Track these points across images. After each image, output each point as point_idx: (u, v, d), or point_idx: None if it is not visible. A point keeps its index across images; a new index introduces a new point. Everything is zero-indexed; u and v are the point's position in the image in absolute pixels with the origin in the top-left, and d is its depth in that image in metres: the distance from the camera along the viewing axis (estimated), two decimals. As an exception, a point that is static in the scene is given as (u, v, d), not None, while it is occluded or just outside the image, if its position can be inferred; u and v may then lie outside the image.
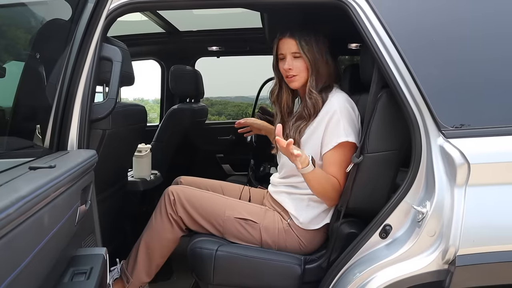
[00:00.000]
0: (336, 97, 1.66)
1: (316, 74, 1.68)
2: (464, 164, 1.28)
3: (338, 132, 1.59)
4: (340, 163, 1.60)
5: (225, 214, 1.71)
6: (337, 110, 1.61)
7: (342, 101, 1.64)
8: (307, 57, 1.67)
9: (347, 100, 1.66)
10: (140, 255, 1.73)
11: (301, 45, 1.67)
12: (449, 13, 1.45)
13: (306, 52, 1.67)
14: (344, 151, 1.60)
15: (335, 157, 1.61)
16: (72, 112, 1.37)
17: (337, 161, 1.60)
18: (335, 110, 1.61)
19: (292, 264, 1.62)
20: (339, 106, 1.62)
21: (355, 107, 1.66)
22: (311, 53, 1.67)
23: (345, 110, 1.61)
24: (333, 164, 1.61)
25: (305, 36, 1.68)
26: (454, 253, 1.29)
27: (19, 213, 0.69)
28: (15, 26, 1.52)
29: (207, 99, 5.58)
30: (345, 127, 1.59)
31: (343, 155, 1.60)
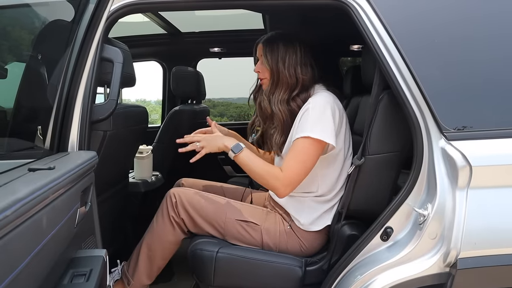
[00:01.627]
0: (315, 96, 1.67)
1: (276, 83, 1.70)
2: (466, 166, 1.27)
3: (305, 127, 1.57)
4: (294, 152, 1.58)
5: (227, 216, 1.71)
6: (310, 106, 1.60)
7: (319, 99, 1.63)
8: (267, 63, 1.71)
9: (326, 98, 1.64)
10: (142, 257, 1.73)
11: (265, 51, 1.72)
12: (451, 14, 1.45)
13: (269, 59, 1.71)
14: (303, 145, 1.57)
15: (293, 147, 1.59)
16: (73, 113, 1.36)
17: (291, 150, 1.59)
18: (308, 107, 1.61)
19: (293, 266, 1.62)
20: (313, 103, 1.61)
21: (335, 107, 1.63)
22: (273, 61, 1.70)
23: (318, 107, 1.59)
24: (289, 152, 1.60)
25: (272, 44, 1.71)
26: (455, 256, 1.28)
27: (16, 215, 0.68)
28: (19, 27, 1.52)
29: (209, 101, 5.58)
30: (312, 123, 1.57)
31: (300, 148, 1.57)
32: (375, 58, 1.42)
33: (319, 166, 1.64)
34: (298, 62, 1.70)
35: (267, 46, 1.72)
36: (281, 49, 1.69)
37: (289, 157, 1.59)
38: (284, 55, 1.69)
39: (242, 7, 1.82)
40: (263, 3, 1.71)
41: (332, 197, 1.69)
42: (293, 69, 1.69)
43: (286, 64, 1.69)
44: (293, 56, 1.70)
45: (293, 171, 1.56)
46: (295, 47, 1.71)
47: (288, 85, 1.69)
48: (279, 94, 1.69)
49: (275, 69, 1.70)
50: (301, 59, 1.70)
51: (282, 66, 1.69)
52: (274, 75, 1.70)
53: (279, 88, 1.70)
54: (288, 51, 1.70)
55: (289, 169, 1.57)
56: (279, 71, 1.69)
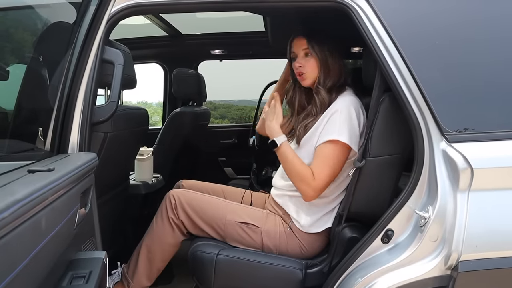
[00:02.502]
0: (343, 98, 1.67)
1: (326, 72, 1.71)
2: (467, 168, 1.27)
3: (333, 130, 1.59)
4: (324, 157, 1.60)
5: (226, 218, 1.70)
6: (338, 109, 1.62)
7: (346, 102, 1.64)
8: (317, 54, 1.70)
9: (353, 103, 1.65)
10: (141, 259, 1.73)
11: (311, 43, 1.71)
12: (452, 16, 1.45)
13: (316, 49, 1.70)
14: (332, 149, 1.59)
15: (322, 151, 1.61)
16: (73, 115, 1.36)
17: (321, 155, 1.61)
18: (337, 109, 1.62)
19: (293, 268, 1.61)
20: (341, 106, 1.62)
21: (360, 112, 1.65)
22: (321, 51, 1.70)
23: (346, 111, 1.61)
24: (317, 157, 1.62)
25: (316, 35, 1.72)
26: (456, 258, 1.27)
27: (14, 216, 0.68)
28: (21, 29, 1.52)
29: (211, 103, 5.59)
30: (340, 126, 1.58)
31: (330, 152, 1.59)
32: (376, 60, 1.42)
33: None
34: (340, 56, 1.75)
35: (313, 39, 1.72)
36: (327, 42, 1.72)
37: (319, 162, 1.60)
38: (330, 47, 1.72)
39: (243, 9, 1.82)
40: (264, 5, 1.71)
41: (333, 199, 1.69)
42: (339, 60, 1.73)
43: (333, 56, 1.72)
44: (337, 49, 1.74)
45: (324, 177, 1.58)
46: (337, 40, 1.75)
47: (336, 75, 1.72)
48: (329, 83, 1.70)
49: (324, 60, 1.70)
50: (340, 54, 1.75)
51: (331, 57, 1.71)
52: (323, 65, 1.71)
53: (329, 77, 1.71)
54: (333, 44, 1.73)
55: (320, 175, 1.58)
56: (327, 61, 1.71)
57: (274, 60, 3.21)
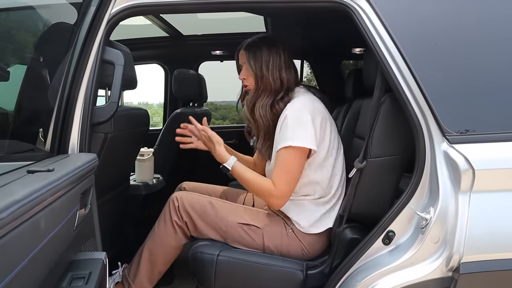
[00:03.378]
0: (291, 104, 1.65)
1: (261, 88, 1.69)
2: (468, 170, 1.26)
3: (285, 136, 1.58)
4: (280, 164, 1.60)
5: (228, 219, 1.70)
6: (288, 114, 1.60)
7: (296, 106, 1.63)
8: (251, 69, 1.70)
9: (305, 104, 1.63)
10: (143, 261, 1.72)
11: (248, 57, 1.71)
12: (454, 17, 1.44)
13: (252, 64, 1.69)
14: (287, 155, 1.58)
15: (278, 158, 1.61)
16: (73, 116, 1.36)
17: (278, 163, 1.61)
18: (286, 114, 1.61)
19: (294, 269, 1.60)
20: (290, 111, 1.61)
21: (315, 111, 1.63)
22: (257, 67, 1.69)
23: (296, 114, 1.59)
24: (276, 165, 1.62)
25: (255, 49, 1.70)
26: (458, 260, 1.27)
27: (13, 217, 0.68)
28: (22, 30, 1.52)
29: (211, 103, 5.59)
30: (292, 131, 1.57)
31: (286, 159, 1.59)
32: (377, 61, 1.41)
33: (310, 171, 1.65)
34: (282, 65, 1.69)
35: (249, 52, 1.71)
36: (264, 53, 1.68)
37: (276, 170, 1.61)
38: (267, 58, 1.68)
39: (244, 10, 1.82)
40: (265, 6, 1.71)
41: (329, 198, 1.69)
42: (277, 72, 1.68)
43: (270, 68, 1.67)
44: (277, 59, 1.69)
45: (283, 183, 1.59)
46: (279, 50, 1.70)
47: (272, 89, 1.68)
48: (262, 100, 1.68)
49: (259, 75, 1.68)
50: (285, 61, 1.70)
51: (266, 71, 1.67)
52: (259, 81, 1.69)
53: (263, 93, 1.68)
54: (271, 54, 1.69)
55: (278, 182, 1.59)
56: (263, 76, 1.68)
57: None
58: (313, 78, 4.02)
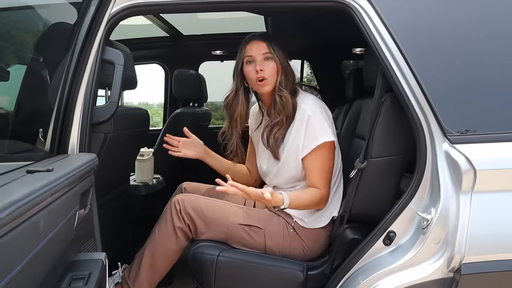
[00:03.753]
0: (305, 101, 1.70)
1: (286, 76, 1.71)
2: (470, 170, 1.26)
3: (316, 134, 1.62)
4: (321, 167, 1.65)
5: (229, 220, 1.69)
6: (311, 113, 1.65)
7: (312, 103, 1.69)
8: (278, 58, 1.69)
9: (316, 101, 1.72)
10: (144, 265, 1.71)
11: (272, 47, 1.70)
12: (455, 16, 1.44)
13: (277, 53, 1.70)
14: (323, 153, 1.64)
15: (315, 161, 1.64)
16: (73, 116, 1.36)
17: (317, 166, 1.65)
18: (309, 114, 1.65)
19: (295, 270, 1.60)
20: (311, 109, 1.66)
21: (325, 107, 1.73)
22: (280, 55, 1.71)
23: (318, 111, 1.66)
24: (314, 170, 1.65)
25: (276, 41, 1.73)
26: (459, 261, 1.26)
27: (11, 217, 0.67)
28: (22, 30, 1.52)
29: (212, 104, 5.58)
30: (321, 127, 1.63)
31: (323, 157, 1.65)
32: (378, 61, 1.41)
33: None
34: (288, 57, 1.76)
35: (272, 42, 1.71)
36: (280, 45, 1.73)
37: (317, 173, 1.64)
38: (285, 52, 1.73)
39: (244, 10, 1.81)
40: (265, 5, 1.71)
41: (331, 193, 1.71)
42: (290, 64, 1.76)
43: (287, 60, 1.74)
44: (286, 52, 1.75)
45: (327, 182, 1.66)
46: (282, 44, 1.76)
47: (293, 79, 1.74)
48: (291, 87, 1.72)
49: (284, 63, 1.71)
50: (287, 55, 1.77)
51: (286, 61, 1.73)
52: (285, 69, 1.71)
53: (289, 81, 1.72)
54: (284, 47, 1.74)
55: (323, 182, 1.64)
56: (288, 65, 1.73)
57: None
58: (313, 78, 4.02)
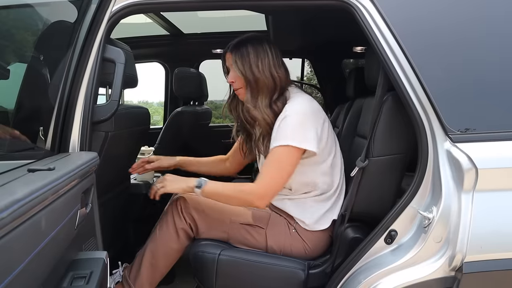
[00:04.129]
0: (291, 103, 1.62)
1: (255, 89, 1.64)
2: (471, 169, 1.26)
3: (285, 135, 1.55)
4: (274, 163, 1.57)
5: (231, 220, 1.69)
6: (288, 114, 1.57)
7: (296, 106, 1.60)
8: (239, 71, 1.64)
9: (303, 105, 1.61)
10: (144, 264, 1.71)
11: (235, 59, 1.64)
12: (457, 14, 1.43)
13: (240, 66, 1.63)
14: (285, 154, 1.55)
15: (271, 157, 1.58)
16: (74, 114, 1.36)
17: (271, 161, 1.58)
18: (286, 114, 1.57)
19: (296, 269, 1.60)
20: (290, 111, 1.58)
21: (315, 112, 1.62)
22: (245, 68, 1.63)
23: (296, 114, 1.57)
24: (267, 163, 1.59)
25: (242, 50, 1.64)
26: (461, 259, 1.26)
27: (14, 216, 0.67)
28: (22, 28, 1.51)
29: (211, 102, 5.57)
30: (292, 131, 1.55)
31: (281, 157, 1.56)
32: (379, 59, 1.40)
33: (310, 170, 1.64)
34: (271, 63, 1.64)
35: (236, 53, 1.64)
36: (251, 53, 1.62)
37: (266, 166, 1.58)
38: (256, 58, 1.62)
39: (244, 8, 1.81)
40: (266, 4, 1.70)
41: (331, 194, 1.69)
42: (268, 71, 1.62)
43: (260, 67, 1.62)
44: (265, 58, 1.63)
45: (270, 180, 1.57)
46: (265, 48, 1.65)
47: (268, 88, 1.63)
48: (262, 100, 1.63)
49: (250, 76, 1.62)
50: (273, 60, 1.65)
51: (257, 70, 1.62)
52: (251, 82, 1.63)
53: (261, 94, 1.63)
54: (258, 54, 1.63)
55: (265, 179, 1.56)
56: (255, 77, 1.62)
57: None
58: (313, 77, 4.02)
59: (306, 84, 4.12)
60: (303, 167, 1.63)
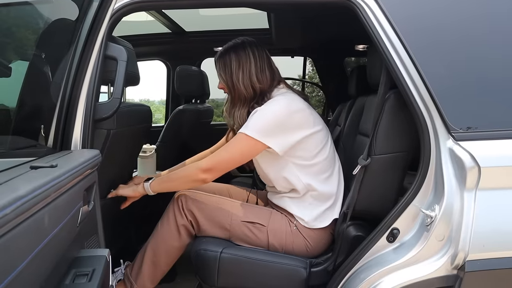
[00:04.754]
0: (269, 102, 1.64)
1: (235, 97, 1.70)
2: (474, 167, 1.25)
3: (248, 124, 1.58)
4: (228, 145, 1.60)
5: (232, 217, 1.69)
6: (259, 109, 1.60)
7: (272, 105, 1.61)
8: (222, 79, 1.71)
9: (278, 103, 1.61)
10: (146, 261, 1.71)
11: (219, 68, 1.71)
12: (459, 11, 1.42)
13: (222, 75, 1.70)
14: (241, 142, 1.57)
15: (234, 140, 1.60)
16: (76, 112, 1.35)
17: (229, 142, 1.61)
18: (258, 109, 1.60)
19: (298, 267, 1.60)
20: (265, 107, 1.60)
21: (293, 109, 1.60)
22: (227, 77, 1.69)
23: (266, 109, 1.59)
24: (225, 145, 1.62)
25: (224, 59, 1.69)
26: (463, 258, 1.26)
27: (17, 213, 0.67)
28: (23, 26, 1.51)
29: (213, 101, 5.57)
30: (256, 123, 1.57)
31: (236, 142, 1.58)
32: (382, 57, 1.40)
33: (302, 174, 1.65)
34: (253, 71, 1.66)
35: (219, 62, 1.70)
36: (233, 62, 1.67)
37: (223, 147, 1.61)
38: (237, 67, 1.66)
39: (247, 6, 1.81)
40: (268, 1, 1.70)
41: (329, 195, 1.68)
42: (248, 80, 1.66)
43: (240, 77, 1.66)
44: (247, 65, 1.66)
45: (219, 158, 1.59)
46: (247, 54, 1.67)
47: (246, 98, 1.68)
48: (239, 109, 1.69)
49: (230, 85, 1.68)
50: (255, 66, 1.67)
51: (237, 80, 1.66)
52: (231, 91, 1.69)
53: (238, 103, 1.69)
54: (240, 61, 1.66)
55: (215, 156, 1.60)
56: (234, 86, 1.67)
57: (277, 58, 3.20)
58: (315, 75, 4.01)
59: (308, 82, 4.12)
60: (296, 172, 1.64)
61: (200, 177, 1.59)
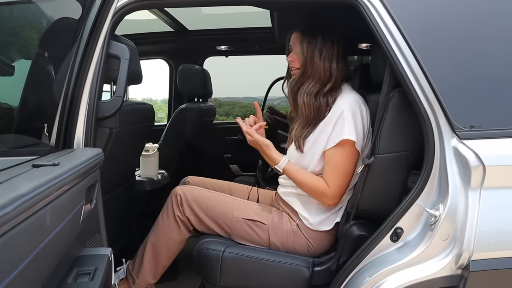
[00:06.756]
0: (343, 98, 1.62)
1: (307, 74, 1.65)
2: (479, 166, 1.24)
3: (342, 130, 1.55)
4: (335, 163, 1.58)
5: (233, 214, 1.69)
6: (344, 109, 1.57)
7: (349, 101, 1.60)
8: (302, 52, 1.66)
9: (356, 100, 1.61)
10: (147, 256, 1.72)
11: (302, 40, 1.66)
12: (464, 9, 1.41)
13: (305, 48, 1.65)
14: (344, 151, 1.56)
15: (332, 156, 1.58)
16: (79, 110, 1.35)
17: (333, 161, 1.58)
18: (343, 109, 1.57)
19: (300, 266, 1.59)
20: (346, 106, 1.58)
21: (363, 109, 1.61)
22: (309, 51, 1.64)
23: (351, 110, 1.57)
24: (328, 163, 1.59)
25: (312, 34, 1.66)
26: (468, 258, 1.25)
27: (18, 211, 0.66)
28: (26, 25, 1.51)
29: (215, 99, 5.58)
30: (349, 126, 1.55)
31: (341, 156, 1.57)
32: (386, 56, 1.39)
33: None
34: (334, 56, 1.65)
35: (304, 35, 1.66)
36: (319, 40, 1.64)
37: (331, 169, 1.58)
38: (322, 46, 1.64)
39: (249, 4, 1.80)
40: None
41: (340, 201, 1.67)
42: (328, 62, 1.63)
43: (322, 56, 1.63)
44: (331, 49, 1.64)
45: (338, 183, 1.58)
46: (333, 41, 1.65)
47: (320, 78, 1.63)
48: (308, 86, 1.64)
49: (309, 59, 1.64)
50: (337, 54, 1.65)
51: (318, 57, 1.63)
52: (307, 65, 1.64)
53: (309, 80, 1.64)
54: (325, 43, 1.64)
55: (333, 182, 1.58)
56: (313, 62, 1.63)
57: (280, 57, 3.19)
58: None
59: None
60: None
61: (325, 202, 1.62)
